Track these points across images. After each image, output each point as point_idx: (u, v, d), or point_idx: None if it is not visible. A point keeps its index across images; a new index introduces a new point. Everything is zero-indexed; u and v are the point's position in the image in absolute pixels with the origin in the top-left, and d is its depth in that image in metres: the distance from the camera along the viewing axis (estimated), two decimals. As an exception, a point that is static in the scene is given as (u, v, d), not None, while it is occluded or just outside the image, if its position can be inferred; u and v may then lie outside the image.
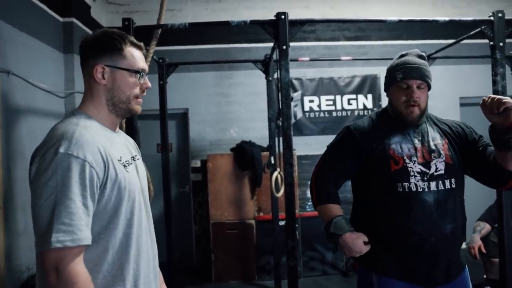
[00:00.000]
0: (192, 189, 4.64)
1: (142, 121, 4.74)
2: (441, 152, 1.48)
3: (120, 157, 1.11)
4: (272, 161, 3.58)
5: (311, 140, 4.64)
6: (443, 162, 1.47)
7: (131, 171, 1.13)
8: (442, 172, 1.45)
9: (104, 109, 1.14)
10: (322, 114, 4.71)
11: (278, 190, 3.25)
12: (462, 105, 4.75)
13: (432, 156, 1.47)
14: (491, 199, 2.90)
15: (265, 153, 4.03)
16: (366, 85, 4.73)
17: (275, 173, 3.28)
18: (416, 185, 1.44)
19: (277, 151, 3.44)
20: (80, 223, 0.97)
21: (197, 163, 4.62)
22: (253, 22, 2.42)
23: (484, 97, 1.34)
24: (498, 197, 2.48)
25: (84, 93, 1.16)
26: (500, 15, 2.46)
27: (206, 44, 4.59)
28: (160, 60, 3.46)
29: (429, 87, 1.53)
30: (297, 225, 3.79)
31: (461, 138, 1.54)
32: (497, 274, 2.66)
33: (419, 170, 1.45)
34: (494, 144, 1.38)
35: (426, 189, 1.43)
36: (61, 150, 0.98)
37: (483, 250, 2.96)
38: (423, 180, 1.44)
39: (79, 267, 0.97)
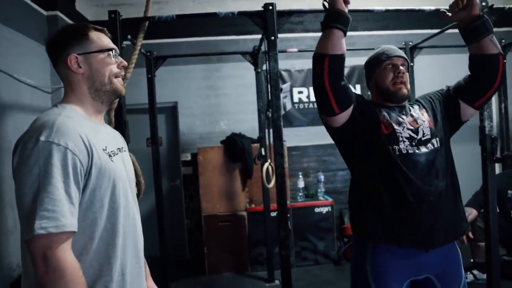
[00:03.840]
0: (183, 183, 4.64)
1: (131, 116, 4.67)
2: (424, 119, 1.57)
3: (105, 146, 1.10)
4: (263, 153, 3.59)
5: (300, 131, 4.67)
6: (428, 128, 1.55)
7: (116, 161, 1.12)
8: (429, 136, 1.53)
9: (87, 98, 1.14)
10: (311, 105, 4.73)
11: (269, 181, 3.27)
12: (448, 94, 4.81)
13: (419, 122, 1.55)
14: (477, 185, 2.97)
15: (255, 145, 4.03)
16: (354, 76, 4.76)
17: (266, 164, 3.29)
18: (406, 149, 1.50)
19: (267, 143, 3.46)
20: (63, 209, 0.96)
21: (188, 157, 4.61)
22: (241, 13, 2.41)
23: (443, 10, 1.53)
24: (484, 182, 2.53)
25: (64, 89, 1.16)
26: (484, 3, 2.49)
27: (194, 36, 4.55)
28: (148, 54, 3.43)
29: (408, 70, 1.61)
30: (288, 216, 3.83)
31: (433, 101, 1.64)
32: (483, 258, 2.73)
33: (408, 136, 1.51)
34: (468, 38, 1.51)
35: (417, 151, 1.50)
36: (42, 138, 0.98)
37: (471, 236, 3.03)
38: (411, 145, 1.50)
39: (67, 255, 0.97)
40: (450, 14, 1.50)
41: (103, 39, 1.16)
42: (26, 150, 0.98)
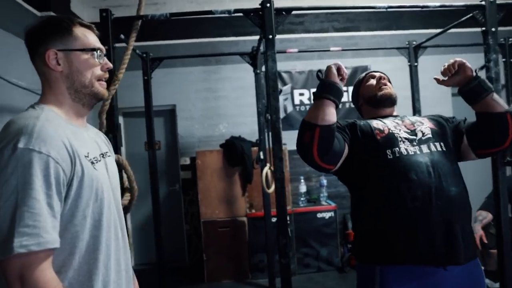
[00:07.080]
0: (182, 187, 4.54)
1: (129, 119, 4.62)
2: (423, 121, 1.50)
3: (88, 153, 1.01)
4: (261, 156, 3.48)
5: (302, 134, 4.56)
6: (428, 128, 1.46)
7: (99, 168, 1.03)
8: (430, 135, 1.44)
9: (66, 99, 1.04)
10: (312, 108, 4.62)
11: (269, 186, 3.16)
12: (453, 94, 4.70)
13: (415, 125, 1.48)
14: (489, 187, 2.84)
15: (255, 148, 3.93)
16: (356, 77, 4.64)
17: (265, 169, 3.19)
18: (406, 149, 1.39)
19: (266, 146, 3.35)
20: (46, 224, 0.86)
21: (186, 161, 4.51)
22: (238, 11, 2.32)
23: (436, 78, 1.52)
24: (495, 184, 2.41)
25: (42, 86, 1.06)
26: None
27: (192, 38, 4.47)
28: (144, 55, 3.33)
29: (390, 81, 1.66)
30: (289, 222, 3.71)
31: (442, 118, 1.57)
32: (495, 266, 2.61)
33: (406, 137, 1.42)
34: (469, 100, 1.46)
35: (418, 152, 1.38)
36: (20, 145, 0.88)
37: (485, 240, 2.89)
38: (412, 145, 1.40)
39: (47, 273, 0.87)
40: (444, 79, 1.49)
41: (89, 37, 1.06)
42: (2, 159, 0.88)
